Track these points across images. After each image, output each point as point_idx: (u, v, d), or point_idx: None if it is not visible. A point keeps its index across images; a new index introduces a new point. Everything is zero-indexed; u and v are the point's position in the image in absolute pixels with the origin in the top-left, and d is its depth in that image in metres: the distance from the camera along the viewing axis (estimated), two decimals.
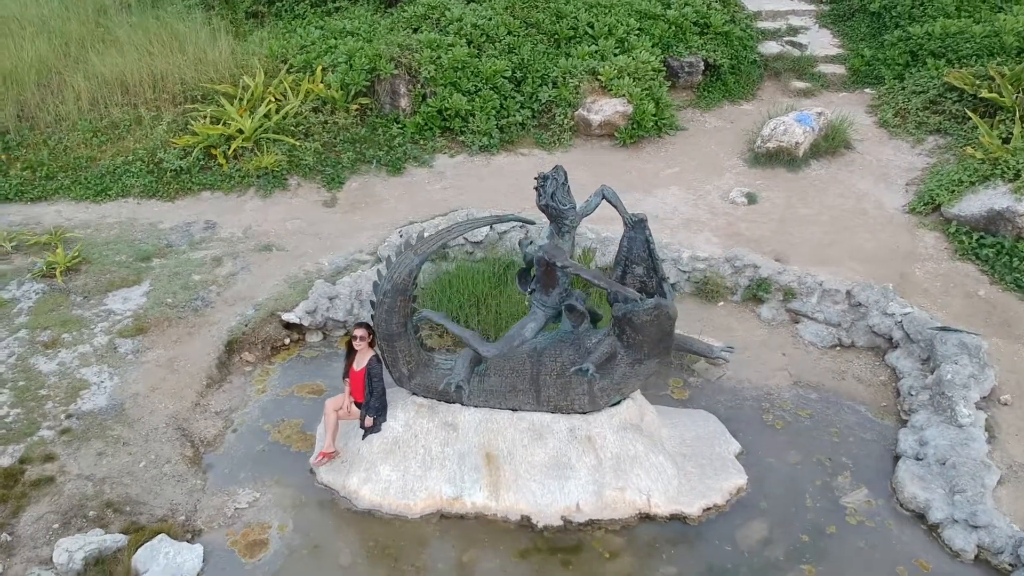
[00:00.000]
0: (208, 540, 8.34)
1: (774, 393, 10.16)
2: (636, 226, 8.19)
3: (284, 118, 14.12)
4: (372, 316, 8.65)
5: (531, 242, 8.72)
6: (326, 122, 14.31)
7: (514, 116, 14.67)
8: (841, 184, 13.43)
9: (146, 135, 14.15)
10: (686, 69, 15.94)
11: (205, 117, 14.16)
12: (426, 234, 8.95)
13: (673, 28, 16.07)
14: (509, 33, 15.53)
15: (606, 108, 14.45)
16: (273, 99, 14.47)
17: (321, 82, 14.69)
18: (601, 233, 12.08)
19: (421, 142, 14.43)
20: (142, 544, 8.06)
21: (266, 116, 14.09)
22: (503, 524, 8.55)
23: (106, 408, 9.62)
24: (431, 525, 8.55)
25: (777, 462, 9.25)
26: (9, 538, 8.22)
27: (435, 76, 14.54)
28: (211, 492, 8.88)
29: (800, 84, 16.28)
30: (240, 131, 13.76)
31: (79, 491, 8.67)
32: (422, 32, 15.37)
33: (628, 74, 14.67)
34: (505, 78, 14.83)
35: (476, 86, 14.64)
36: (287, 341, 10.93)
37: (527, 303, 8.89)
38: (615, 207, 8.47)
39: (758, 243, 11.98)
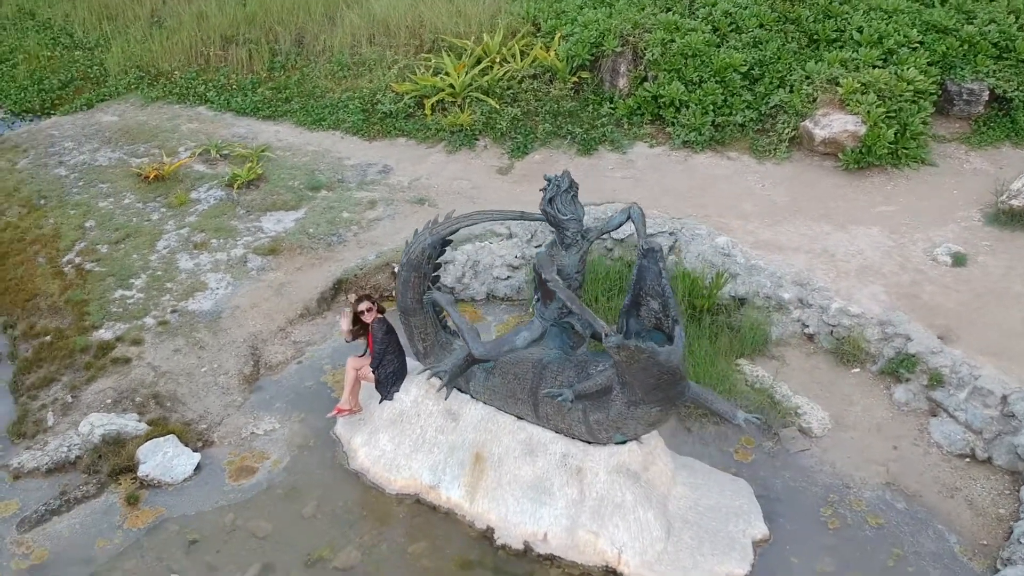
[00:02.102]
0: (210, 453, 8.90)
1: (853, 488, 8.50)
2: (647, 255, 7.17)
3: (498, 80, 14.20)
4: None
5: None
6: (538, 90, 14.15)
7: (736, 116, 13.42)
8: None
9: (380, 76, 15.00)
10: (964, 96, 13.46)
11: (429, 68, 14.67)
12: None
13: (964, 46, 13.59)
14: (760, 26, 14.16)
15: (834, 124, 12.69)
16: (500, 60, 14.61)
17: (552, 50, 14.53)
18: (752, 259, 10.79)
19: (627, 126, 13.77)
20: (153, 437, 8.83)
21: (482, 73, 14.27)
22: (467, 529, 8.13)
23: (206, 312, 10.54)
24: (401, 506, 8.37)
25: (801, 564, 7.77)
26: (71, 400, 9.41)
27: (659, 60, 13.71)
28: (243, 412, 9.43)
29: None
30: (452, 86, 14.09)
31: (140, 377, 9.65)
32: (672, 12, 14.50)
33: (875, 90, 12.72)
34: (739, 73, 13.59)
35: (701, 77, 13.58)
36: (394, 293, 11.15)
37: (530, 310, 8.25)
38: (636, 230, 7.51)
39: (932, 313, 9.95)
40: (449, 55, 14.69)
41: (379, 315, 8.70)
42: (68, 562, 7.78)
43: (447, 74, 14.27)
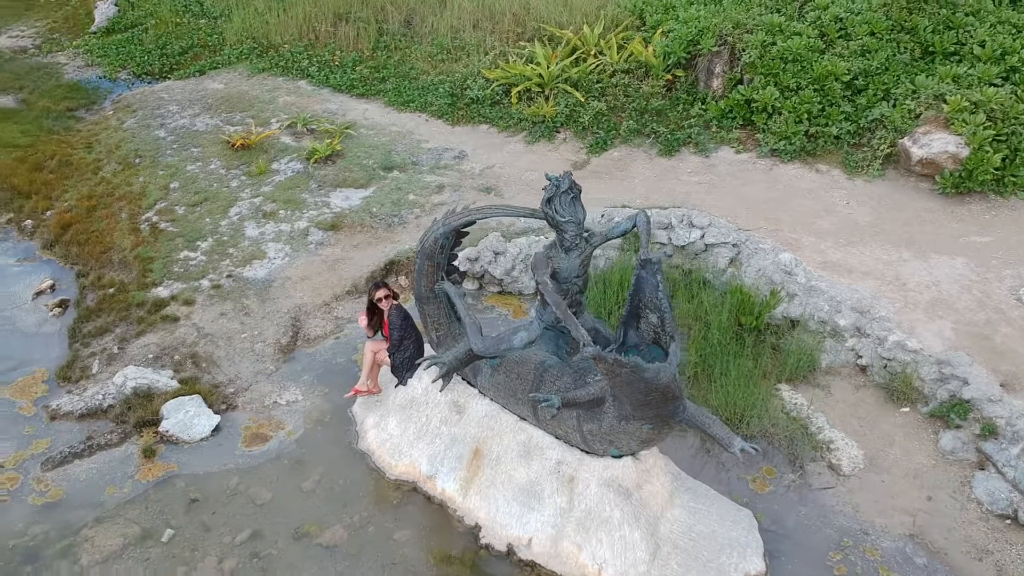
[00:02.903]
0: (230, 417, 9.17)
1: (872, 535, 7.90)
2: (645, 266, 6.85)
3: (589, 72, 13.94)
4: None
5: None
6: (628, 85, 13.80)
7: (831, 127, 12.66)
8: None
9: (475, 62, 15.00)
10: None
11: (522, 56, 14.56)
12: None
13: None
14: (872, 34, 13.29)
15: (934, 144, 11.78)
16: (595, 52, 14.35)
17: (651, 46, 14.15)
18: (813, 280, 10.18)
19: (715, 129, 13.24)
20: (180, 395, 9.17)
21: (574, 64, 14.05)
22: (456, 523, 8.05)
23: (259, 280, 10.86)
24: (398, 492, 8.37)
25: None
26: (117, 351, 9.90)
27: (755, 63, 13.10)
28: (271, 380, 9.65)
29: None
30: (541, 75, 13.93)
31: (183, 336, 10.04)
32: (780, 14, 13.83)
33: (985, 111, 11.72)
34: (841, 82, 12.82)
35: (799, 83, 12.89)
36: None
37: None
38: (641, 239, 7.19)
39: (1001, 357, 9.11)
40: (545, 44, 14.53)
41: (395, 302, 8.72)
42: (78, 504, 8.19)
43: (538, 63, 14.11)
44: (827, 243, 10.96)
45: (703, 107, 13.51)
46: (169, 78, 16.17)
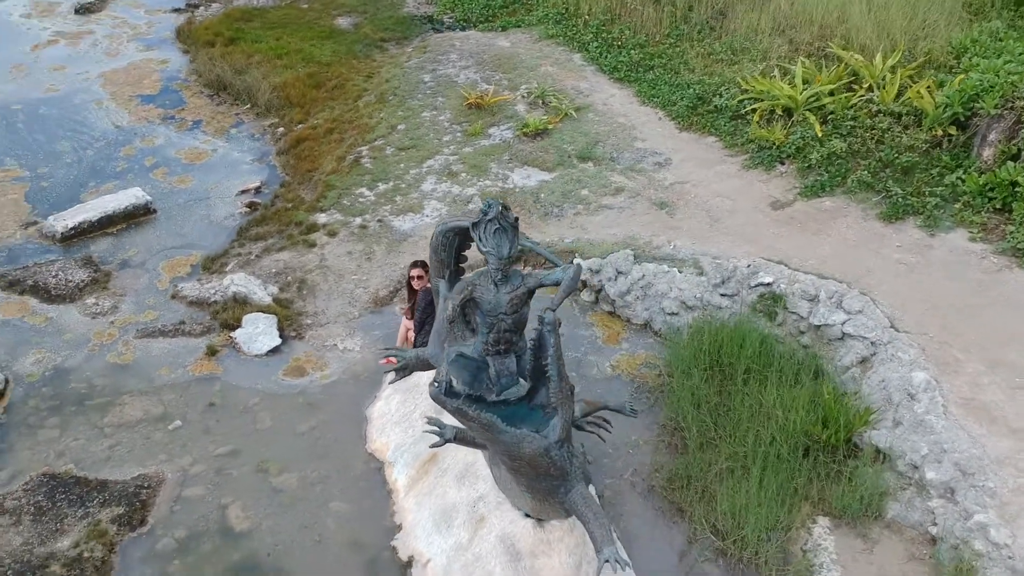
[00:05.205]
0: (292, 344, 9.99)
1: None
2: (542, 323, 6.14)
3: (847, 106, 12.20)
4: None
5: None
6: (887, 131, 11.84)
7: None
8: None
9: (747, 68, 13.82)
10: None
11: (786, 73, 13.14)
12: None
13: None
14: None
15: None
16: (873, 84, 12.52)
17: (939, 91, 11.99)
18: (933, 413, 8.27)
19: (960, 206, 10.91)
20: (264, 312, 10.14)
21: (841, 91, 12.42)
22: (388, 517, 8.07)
23: (401, 231, 11.44)
24: (366, 466, 8.59)
25: None
26: (254, 258, 11.13)
27: None
28: (347, 325, 10.26)
29: None
30: (789, 97, 12.49)
31: (306, 262, 11.00)
32: None
33: None
34: None
35: None
36: None
37: None
38: (558, 291, 6.49)
39: None
40: (818, 64, 12.97)
41: (427, 285, 8.75)
42: (136, 373, 9.57)
43: (793, 84, 12.66)
44: (996, 376, 8.74)
45: (962, 176, 11.19)
46: (476, 28, 17.04)
